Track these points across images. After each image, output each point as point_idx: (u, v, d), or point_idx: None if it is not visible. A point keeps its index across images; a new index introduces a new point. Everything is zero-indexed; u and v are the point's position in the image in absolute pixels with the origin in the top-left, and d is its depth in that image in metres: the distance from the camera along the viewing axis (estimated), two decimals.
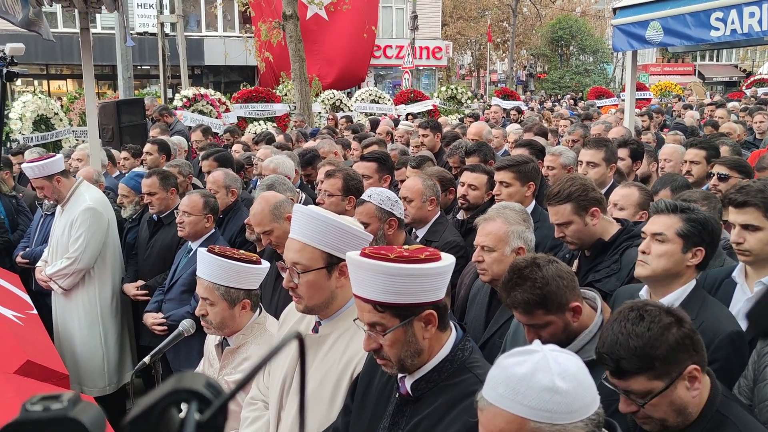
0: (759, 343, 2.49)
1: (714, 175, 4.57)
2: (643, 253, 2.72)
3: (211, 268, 2.86)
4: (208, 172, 5.63)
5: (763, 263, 2.84)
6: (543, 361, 1.51)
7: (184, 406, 0.57)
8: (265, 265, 2.99)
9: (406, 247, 1.93)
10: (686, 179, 4.62)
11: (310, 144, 7.62)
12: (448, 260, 1.90)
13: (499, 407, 1.51)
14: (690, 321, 1.93)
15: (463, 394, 1.87)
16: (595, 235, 3.27)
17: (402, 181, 4.84)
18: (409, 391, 1.97)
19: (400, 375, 2.01)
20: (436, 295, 1.89)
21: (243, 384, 0.58)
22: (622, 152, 5.24)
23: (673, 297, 2.64)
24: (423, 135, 7.38)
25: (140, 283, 4.93)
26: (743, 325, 2.61)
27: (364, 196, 3.68)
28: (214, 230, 4.49)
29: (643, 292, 2.78)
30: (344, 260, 2.28)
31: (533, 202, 4.15)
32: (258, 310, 3.05)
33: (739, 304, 2.86)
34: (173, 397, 0.55)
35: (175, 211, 4.69)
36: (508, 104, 17.52)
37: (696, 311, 2.50)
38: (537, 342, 1.60)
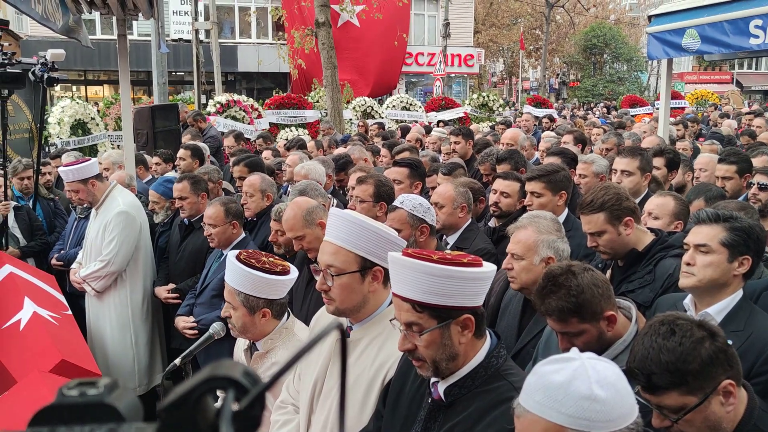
0: None
1: (754, 184, 4.47)
2: (688, 264, 2.67)
3: (233, 273, 2.87)
4: (240, 178, 5.68)
5: None
6: (581, 369, 1.50)
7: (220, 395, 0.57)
8: (291, 276, 2.95)
9: (449, 252, 1.93)
10: (720, 189, 4.55)
11: (341, 150, 7.66)
12: (489, 267, 1.89)
13: (537, 415, 1.50)
14: (723, 335, 1.88)
15: (497, 400, 1.86)
16: (629, 245, 3.22)
17: (433, 188, 4.83)
18: (442, 397, 1.96)
19: (432, 380, 2.00)
20: (475, 300, 1.89)
21: (281, 374, 0.57)
22: (658, 161, 5.17)
23: (720, 307, 2.60)
24: (455, 142, 7.36)
25: (171, 286, 4.98)
26: None
27: (396, 203, 3.69)
28: (244, 235, 4.50)
29: (688, 302, 2.74)
30: (378, 265, 2.30)
31: (566, 210, 4.11)
32: (286, 315, 3.04)
33: None
34: (210, 384, 0.55)
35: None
36: (540, 112, 17.40)
37: (744, 322, 2.46)
38: (575, 350, 1.59)
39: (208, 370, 0.56)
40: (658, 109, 11.02)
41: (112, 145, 11.93)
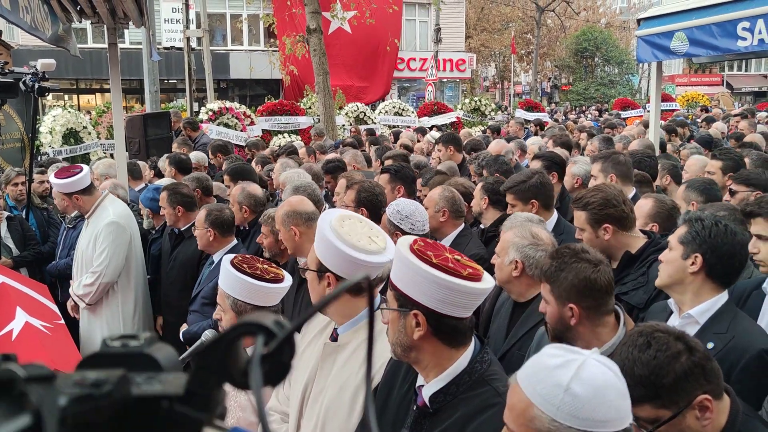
0: None
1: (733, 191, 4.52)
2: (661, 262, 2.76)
3: (225, 276, 2.90)
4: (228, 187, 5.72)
5: None
6: (574, 363, 1.54)
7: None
8: (283, 285, 2.95)
9: (459, 258, 1.95)
10: (705, 179, 4.62)
11: (332, 155, 7.67)
12: (471, 282, 1.88)
13: (519, 385, 1.59)
14: (703, 349, 1.85)
15: (482, 406, 1.87)
16: (609, 249, 3.26)
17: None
18: (427, 403, 1.97)
19: (417, 384, 2.02)
20: (440, 305, 1.88)
21: (305, 319, 0.61)
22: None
23: (704, 308, 2.62)
24: (438, 149, 7.41)
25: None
26: None
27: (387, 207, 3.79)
28: (235, 242, 4.51)
29: (672, 303, 2.77)
30: (331, 272, 2.37)
31: (555, 215, 4.13)
32: None
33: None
34: (240, 330, 0.58)
35: (193, 226, 4.73)
36: (530, 116, 17.47)
37: (727, 325, 2.48)
38: (594, 350, 1.63)
39: (241, 320, 0.59)
40: (648, 111, 11.06)
41: (105, 153, 11.93)
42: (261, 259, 3.09)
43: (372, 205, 4.18)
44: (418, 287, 1.88)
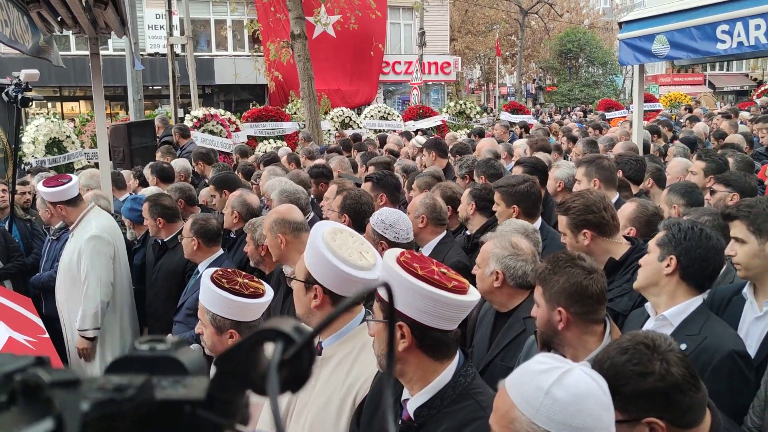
0: None
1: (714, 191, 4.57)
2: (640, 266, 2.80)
3: (204, 291, 2.87)
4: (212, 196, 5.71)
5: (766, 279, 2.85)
6: (558, 371, 1.57)
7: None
8: (262, 300, 2.93)
9: (445, 271, 1.96)
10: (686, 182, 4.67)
11: (320, 160, 7.67)
12: (456, 294, 1.88)
13: (505, 388, 1.64)
14: (680, 380, 1.80)
15: (465, 420, 1.88)
16: (593, 254, 3.27)
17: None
18: (412, 417, 1.98)
19: (402, 398, 2.02)
20: (424, 317, 1.89)
21: (325, 324, 0.62)
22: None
23: (677, 310, 2.65)
24: (423, 155, 7.43)
25: None
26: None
27: None
28: (221, 252, 4.50)
29: (649, 305, 2.80)
30: (319, 284, 2.36)
31: (539, 220, 4.15)
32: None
33: (748, 321, 2.87)
34: (260, 336, 0.58)
35: (179, 235, 4.70)
36: (516, 118, 17.54)
37: (699, 327, 2.51)
38: (584, 362, 1.67)
39: (262, 327, 0.60)
40: (632, 112, 11.14)
41: (89, 162, 11.85)
42: (243, 273, 3.07)
43: (355, 213, 4.21)
44: (403, 299, 1.88)
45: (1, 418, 0.52)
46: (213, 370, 0.59)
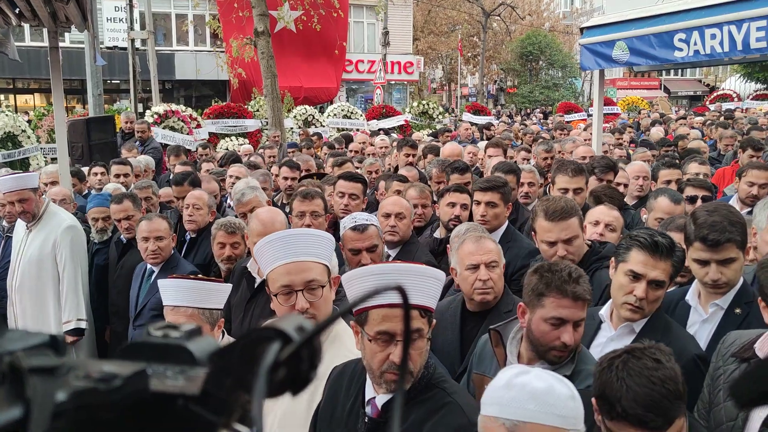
0: (712, 366, 2.50)
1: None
2: None
3: (195, 293, 2.79)
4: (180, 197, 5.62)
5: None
6: (546, 374, 1.60)
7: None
8: (228, 285, 3.03)
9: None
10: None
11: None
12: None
13: (537, 422, 1.54)
14: (637, 404, 1.77)
15: (433, 408, 1.93)
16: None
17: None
18: (380, 411, 2.00)
19: (368, 396, 2.04)
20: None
21: (326, 325, 0.59)
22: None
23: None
24: (413, 155, 7.38)
25: None
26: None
27: None
28: (173, 253, 4.42)
29: (603, 312, 2.83)
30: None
31: (507, 222, 4.21)
32: (221, 333, 2.97)
33: (695, 326, 2.90)
34: (257, 334, 0.55)
35: None
36: (480, 119, 17.70)
37: (659, 334, 2.52)
38: (522, 366, 1.72)
39: (264, 324, 0.57)
40: (591, 116, 11.34)
41: (45, 158, 11.55)
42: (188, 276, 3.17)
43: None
44: (436, 292, 1.98)
45: None
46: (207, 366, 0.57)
